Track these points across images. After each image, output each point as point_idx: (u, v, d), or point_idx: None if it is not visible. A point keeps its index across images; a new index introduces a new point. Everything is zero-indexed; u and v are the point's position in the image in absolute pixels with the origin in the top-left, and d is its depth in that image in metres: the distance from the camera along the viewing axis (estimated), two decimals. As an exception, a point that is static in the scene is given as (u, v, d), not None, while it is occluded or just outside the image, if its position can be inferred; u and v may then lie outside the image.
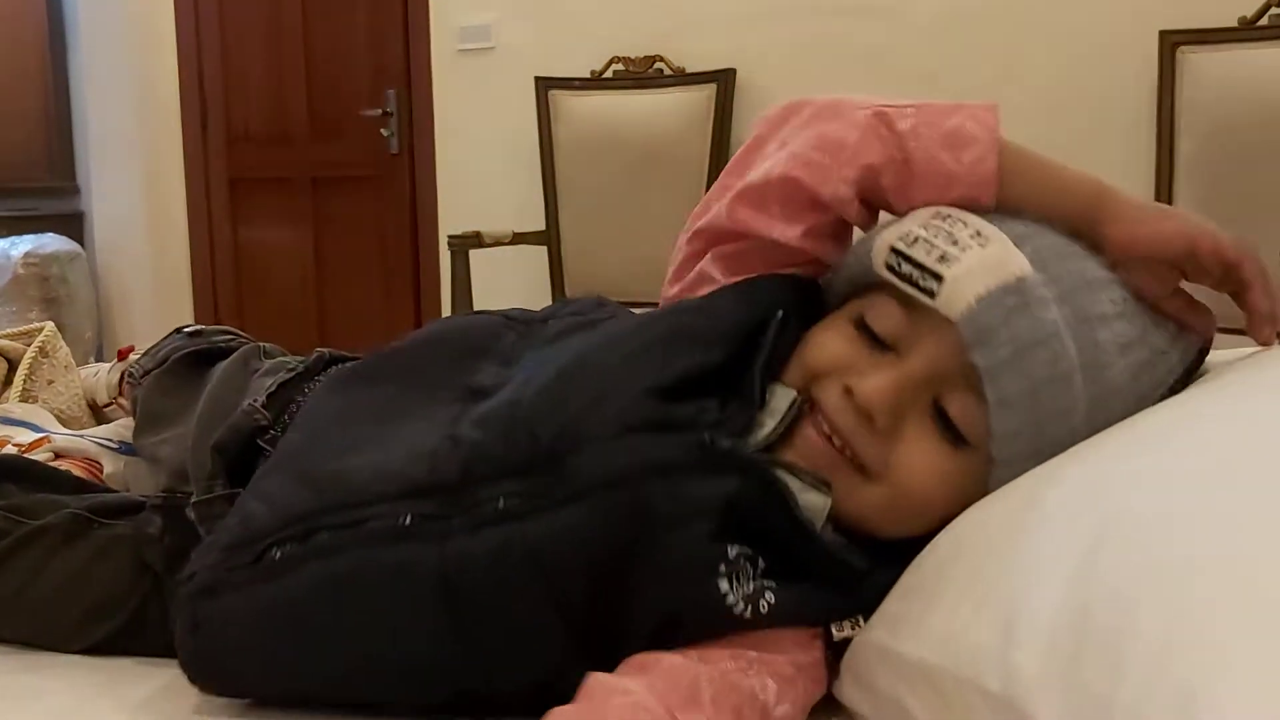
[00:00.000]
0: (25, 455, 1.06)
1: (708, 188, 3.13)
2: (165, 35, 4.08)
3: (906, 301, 0.74)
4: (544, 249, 3.19)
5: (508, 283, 3.32)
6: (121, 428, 1.22)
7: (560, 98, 3.15)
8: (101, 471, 1.12)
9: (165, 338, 1.18)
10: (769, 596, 0.68)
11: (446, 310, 3.27)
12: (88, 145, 4.19)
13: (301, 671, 0.73)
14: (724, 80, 3.00)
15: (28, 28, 4.16)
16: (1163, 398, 0.74)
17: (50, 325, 1.24)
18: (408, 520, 0.71)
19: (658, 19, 3.16)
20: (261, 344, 1.09)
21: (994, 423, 0.70)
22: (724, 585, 0.68)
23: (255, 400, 0.89)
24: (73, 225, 4.18)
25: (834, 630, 0.71)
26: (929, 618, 0.65)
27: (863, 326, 0.76)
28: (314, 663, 0.73)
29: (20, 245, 3.83)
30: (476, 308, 2.98)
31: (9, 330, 1.25)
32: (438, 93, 3.59)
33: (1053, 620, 0.57)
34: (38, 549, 0.87)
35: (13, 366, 1.21)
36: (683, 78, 3.08)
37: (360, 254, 3.89)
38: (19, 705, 0.79)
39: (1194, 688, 0.48)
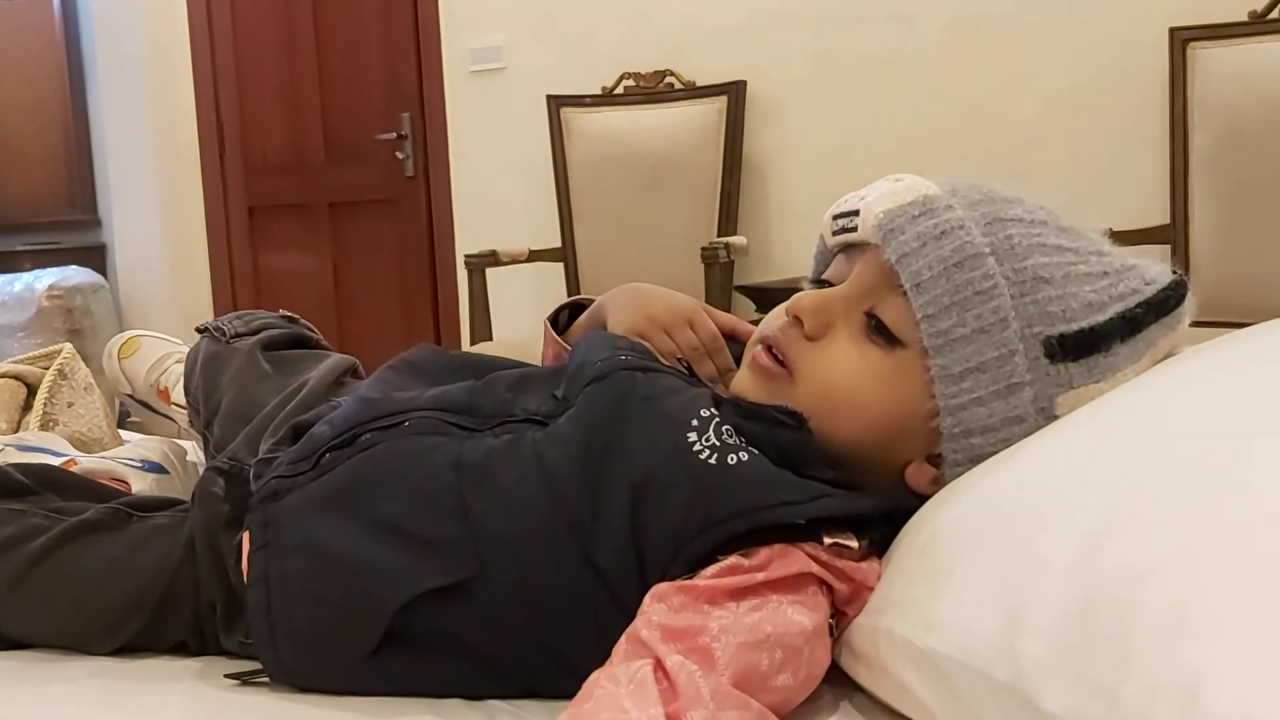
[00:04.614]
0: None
1: (720, 200, 3.13)
2: (181, 68, 4.14)
3: (850, 253, 0.82)
4: (560, 265, 3.21)
5: (525, 300, 3.34)
6: (144, 448, 1.23)
7: (572, 115, 3.17)
8: (130, 490, 1.13)
9: (245, 312, 1.27)
10: (743, 455, 0.74)
11: (465, 330, 3.28)
12: (108, 178, 4.24)
13: (336, 551, 0.79)
14: (734, 93, 3.01)
15: (46, 65, 4.23)
16: (1134, 319, 0.75)
17: (69, 347, 1.25)
18: (439, 421, 0.83)
19: (667, 34, 3.18)
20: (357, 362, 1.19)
21: (915, 305, 0.75)
22: (691, 436, 0.75)
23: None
24: (95, 257, 4.23)
25: (825, 536, 0.72)
26: (936, 605, 0.65)
27: (822, 282, 0.85)
28: (345, 540, 0.79)
29: (44, 278, 3.88)
30: (494, 326, 2.99)
31: (27, 354, 1.27)
32: (451, 114, 3.62)
33: (1059, 609, 0.56)
34: (80, 542, 0.89)
35: (32, 390, 1.22)
36: (693, 91, 3.09)
37: (378, 276, 3.92)
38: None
39: (1201, 677, 0.48)
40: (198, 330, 1.25)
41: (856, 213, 0.80)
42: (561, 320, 1.03)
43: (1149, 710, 0.48)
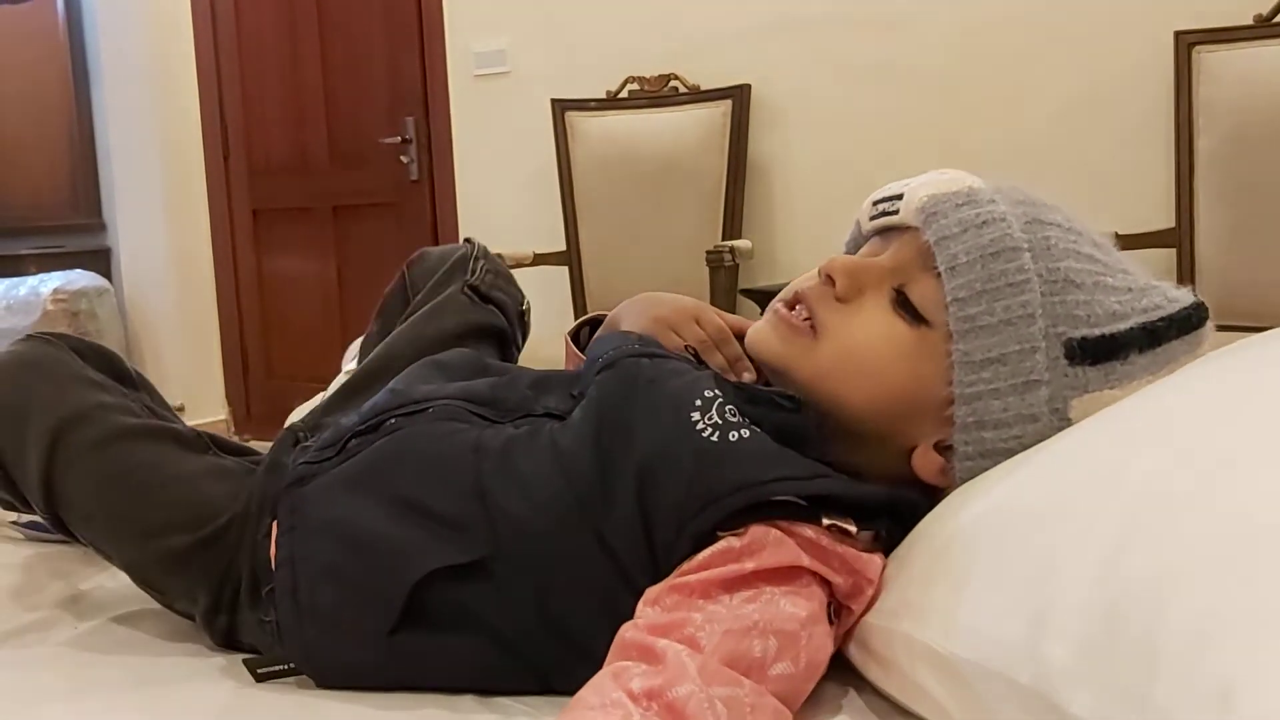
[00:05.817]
0: None
1: (725, 203, 3.11)
2: (186, 71, 4.14)
3: (886, 236, 0.84)
4: (565, 269, 3.21)
5: (530, 303, 3.33)
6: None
7: (577, 119, 3.17)
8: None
9: (507, 278, 1.30)
10: (744, 432, 0.75)
11: (470, 333, 3.28)
12: (112, 182, 4.24)
13: (359, 528, 0.81)
14: (739, 96, 3.01)
15: (50, 69, 4.22)
16: (1154, 331, 0.76)
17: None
18: (461, 408, 0.87)
19: (671, 38, 3.18)
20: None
21: (947, 288, 0.77)
22: (695, 415, 0.77)
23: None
24: (100, 261, 4.23)
25: (824, 518, 0.72)
26: (956, 610, 0.65)
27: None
28: (368, 518, 0.81)
29: (49, 282, 3.88)
30: (499, 329, 2.99)
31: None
32: (455, 118, 3.62)
33: (1084, 614, 0.57)
34: (166, 443, 0.94)
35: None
36: (697, 95, 3.09)
37: (383, 280, 3.86)
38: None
39: (1233, 681, 0.48)
40: (466, 240, 1.33)
41: (899, 197, 0.83)
42: (582, 336, 1.05)
43: (1180, 715, 0.48)
